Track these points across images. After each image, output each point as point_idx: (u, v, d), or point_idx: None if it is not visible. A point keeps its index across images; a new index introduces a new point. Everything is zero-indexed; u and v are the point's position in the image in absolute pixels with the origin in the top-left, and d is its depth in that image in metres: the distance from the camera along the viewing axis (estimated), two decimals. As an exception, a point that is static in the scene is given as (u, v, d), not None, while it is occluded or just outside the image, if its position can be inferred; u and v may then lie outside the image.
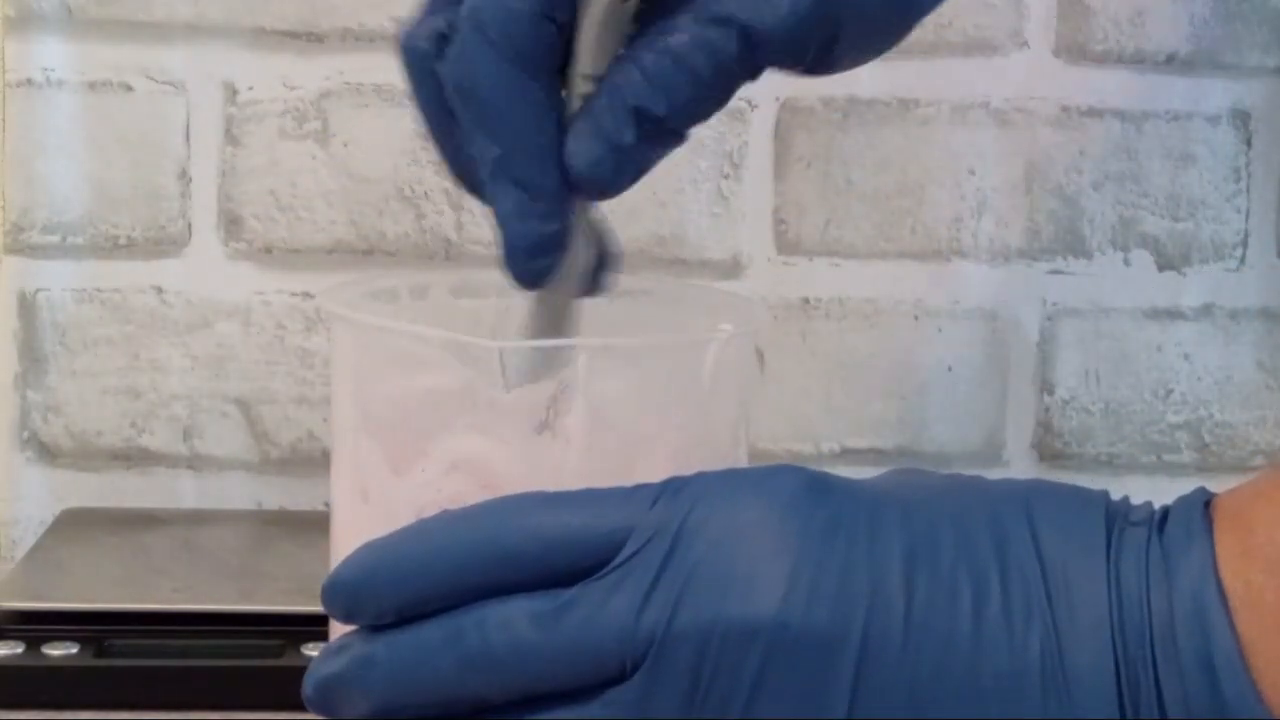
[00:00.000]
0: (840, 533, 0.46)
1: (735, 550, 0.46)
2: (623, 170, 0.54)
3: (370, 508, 0.54)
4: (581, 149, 0.53)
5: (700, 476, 0.48)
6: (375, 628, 0.48)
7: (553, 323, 0.55)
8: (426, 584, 0.47)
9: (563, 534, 0.47)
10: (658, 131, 0.54)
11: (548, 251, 0.54)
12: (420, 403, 0.53)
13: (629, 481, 0.48)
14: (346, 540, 0.56)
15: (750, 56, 0.55)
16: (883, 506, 0.47)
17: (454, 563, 0.47)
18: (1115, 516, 0.47)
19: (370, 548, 0.48)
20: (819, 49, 0.55)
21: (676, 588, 0.46)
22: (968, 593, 0.45)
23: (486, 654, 0.46)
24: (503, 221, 0.54)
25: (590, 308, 0.61)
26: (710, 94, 0.55)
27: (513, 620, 0.46)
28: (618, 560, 0.46)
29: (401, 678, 0.47)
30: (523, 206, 0.53)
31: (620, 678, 0.46)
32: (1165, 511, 0.47)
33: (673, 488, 0.47)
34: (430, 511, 0.50)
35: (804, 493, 0.47)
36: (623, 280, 0.64)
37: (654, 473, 0.48)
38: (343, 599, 0.48)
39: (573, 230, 0.54)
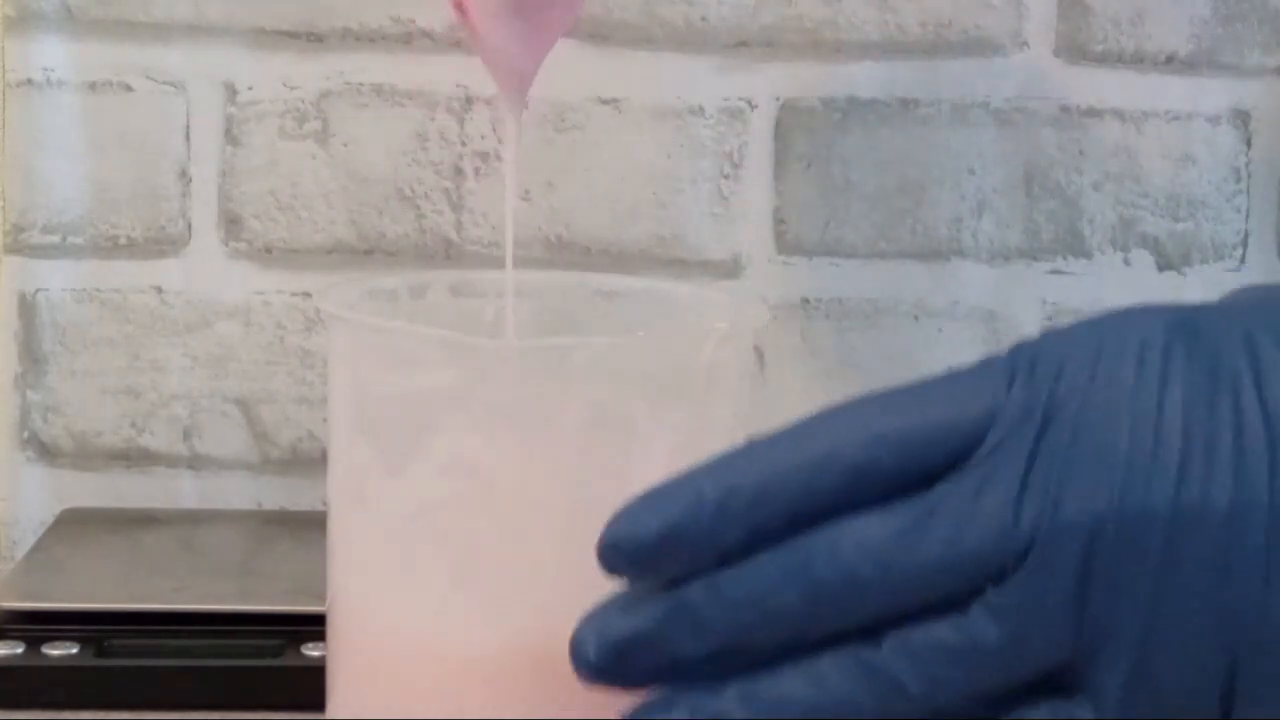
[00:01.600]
0: (1224, 386, 0.42)
1: (1114, 426, 0.42)
2: None
3: (366, 509, 0.54)
4: None
5: (1051, 339, 0.44)
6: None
7: None
8: (758, 518, 0.43)
9: (919, 433, 0.43)
10: None
11: None
12: (416, 402, 0.53)
13: (625, 481, 0.48)
14: (344, 541, 0.56)
15: None
16: (1261, 339, 0.43)
17: (794, 489, 0.43)
18: None
19: (672, 492, 0.44)
20: None
21: (1056, 474, 0.42)
22: None
23: (844, 580, 0.42)
24: None
25: (595, 307, 0.61)
26: None
27: (870, 539, 0.42)
28: (983, 451, 0.42)
29: (739, 622, 0.43)
30: None
31: (996, 581, 0.42)
32: None
33: (1027, 359, 0.43)
34: (425, 513, 0.50)
35: (1173, 344, 0.43)
36: (622, 280, 0.64)
37: (651, 472, 0.48)
38: (649, 551, 0.43)
39: None
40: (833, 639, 0.43)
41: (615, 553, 0.44)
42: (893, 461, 0.43)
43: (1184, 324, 0.44)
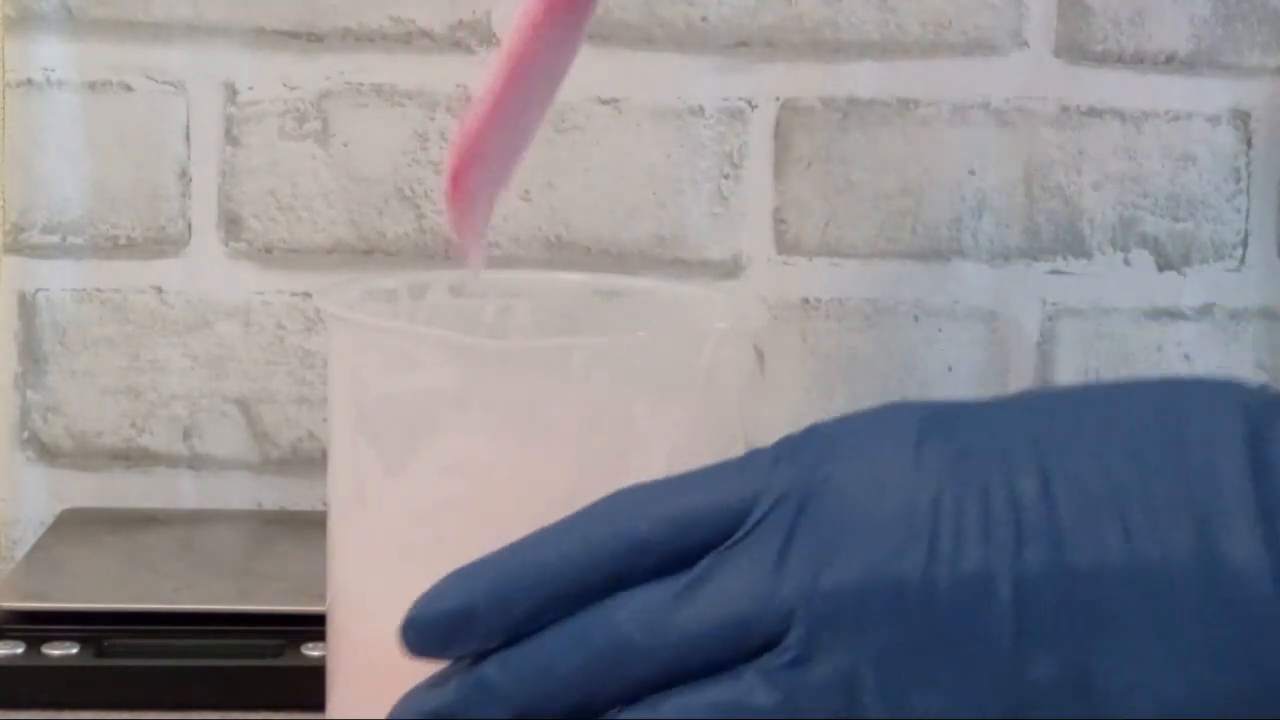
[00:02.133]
0: (973, 465, 0.45)
1: (871, 501, 0.45)
2: None
3: (366, 509, 0.54)
4: None
5: (816, 429, 0.47)
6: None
7: None
8: (547, 594, 0.46)
9: (688, 513, 0.46)
10: None
11: None
12: (416, 402, 0.53)
13: (625, 480, 0.48)
14: (344, 541, 0.56)
15: None
16: (1009, 427, 0.46)
17: (576, 567, 0.46)
18: (1254, 402, 0.46)
19: (467, 573, 0.47)
20: None
21: (814, 548, 0.45)
22: (1110, 502, 0.44)
23: (619, 646, 0.45)
24: None
25: (594, 307, 0.61)
26: None
27: (644, 606, 0.45)
28: (748, 525, 0.45)
29: (530, 692, 0.46)
30: None
31: (767, 645, 0.45)
32: None
33: (790, 446, 0.47)
34: (425, 513, 0.50)
35: (927, 429, 0.46)
36: (622, 280, 0.64)
37: (650, 472, 0.48)
38: (442, 631, 0.46)
39: None
40: (625, 704, 0.46)
41: (412, 633, 0.47)
42: (665, 538, 0.46)
43: (939, 418, 0.47)
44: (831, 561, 0.44)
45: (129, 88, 0.96)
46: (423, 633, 0.46)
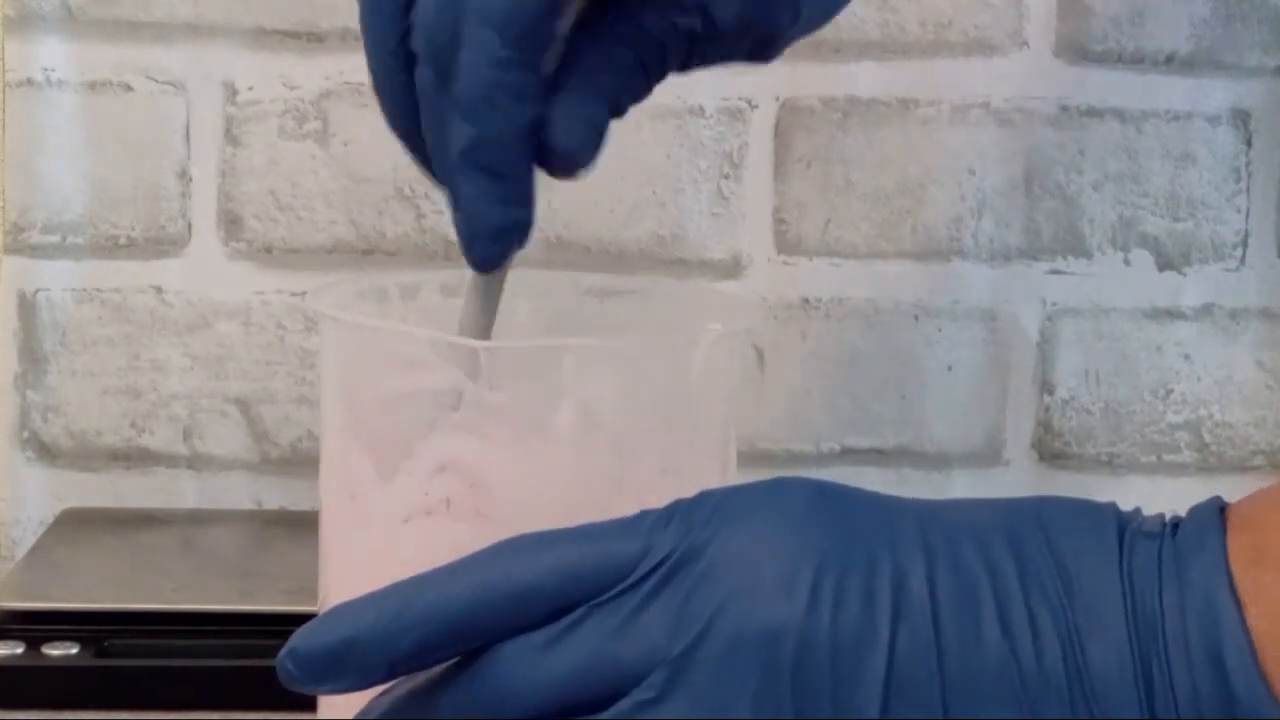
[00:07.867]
0: (860, 538, 0.46)
1: (757, 559, 0.46)
2: (598, 150, 0.56)
3: (359, 510, 0.54)
4: (569, 131, 0.55)
5: (708, 494, 0.48)
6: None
7: (488, 304, 0.56)
8: (431, 634, 0.46)
9: (576, 564, 0.46)
10: (617, 114, 0.56)
11: (513, 237, 0.55)
12: (408, 403, 0.53)
13: (618, 480, 0.48)
14: (336, 542, 0.56)
15: (691, 55, 0.58)
16: (897, 512, 0.47)
17: (461, 607, 0.46)
18: (1126, 522, 0.47)
19: (353, 607, 0.47)
20: (757, 44, 0.58)
21: (692, 594, 0.46)
22: (990, 593, 0.46)
23: (499, 691, 0.46)
24: (469, 206, 0.54)
25: (589, 307, 0.61)
26: (654, 83, 0.57)
27: (520, 651, 0.46)
28: (634, 577, 0.46)
29: None
30: (491, 193, 0.54)
31: (649, 691, 0.46)
32: (1178, 519, 0.48)
33: (683, 508, 0.47)
34: (417, 515, 0.50)
35: (818, 500, 0.47)
36: (617, 280, 0.64)
37: (643, 472, 0.48)
38: (324, 663, 0.47)
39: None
40: None
41: (292, 663, 0.48)
42: (552, 588, 0.46)
43: (830, 495, 0.48)
44: (706, 607, 0.45)
45: (129, 88, 0.96)
46: (303, 664, 0.47)
